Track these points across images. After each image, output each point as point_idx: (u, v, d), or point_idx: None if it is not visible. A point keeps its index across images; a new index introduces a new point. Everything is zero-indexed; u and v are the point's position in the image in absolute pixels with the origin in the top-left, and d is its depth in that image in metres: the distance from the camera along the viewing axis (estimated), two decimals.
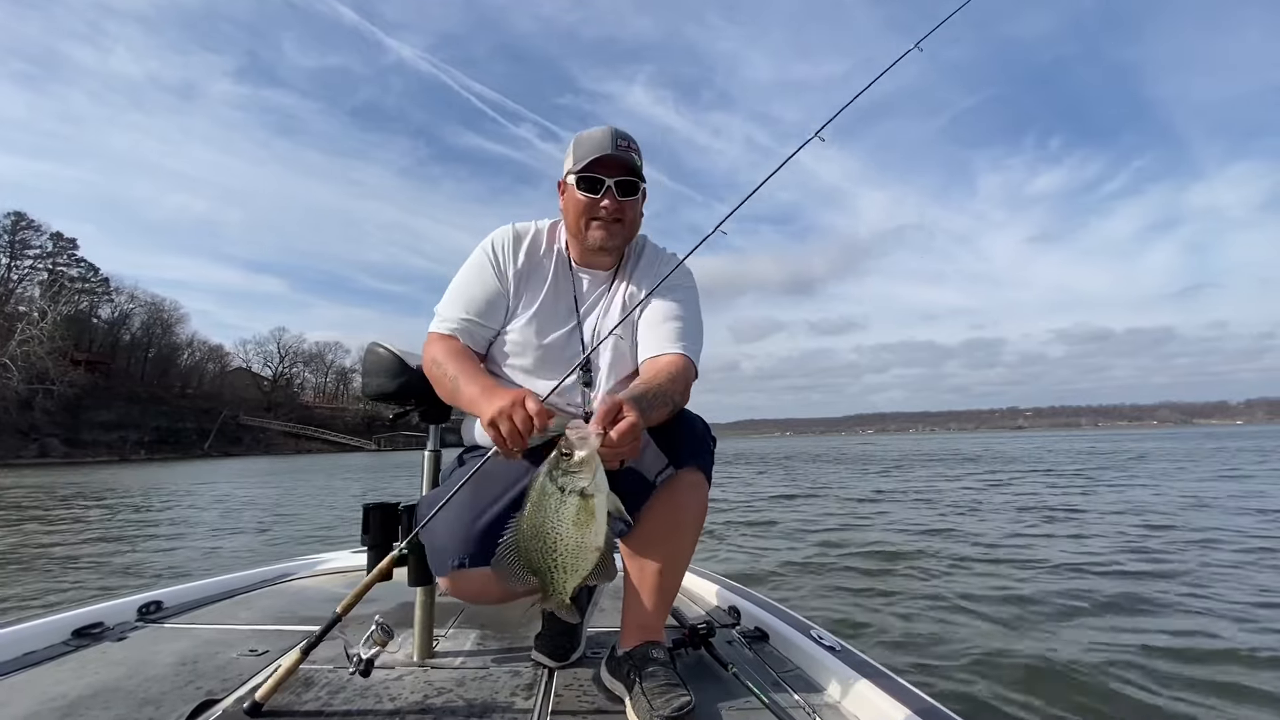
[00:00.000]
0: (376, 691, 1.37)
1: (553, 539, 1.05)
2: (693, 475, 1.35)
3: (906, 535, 6.57)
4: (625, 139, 1.45)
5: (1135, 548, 5.60)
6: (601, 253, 1.51)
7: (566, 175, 1.48)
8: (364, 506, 1.57)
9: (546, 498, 1.05)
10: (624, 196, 1.45)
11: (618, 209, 1.45)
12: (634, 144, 1.47)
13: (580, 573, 1.08)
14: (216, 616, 1.97)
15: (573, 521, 1.04)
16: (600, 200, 1.44)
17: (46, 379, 44.10)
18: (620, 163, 1.43)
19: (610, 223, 1.46)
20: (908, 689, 1.30)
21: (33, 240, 53.52)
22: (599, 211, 1.45)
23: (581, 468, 1.03)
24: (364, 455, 53.27)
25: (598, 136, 1.45)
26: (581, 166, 1.43)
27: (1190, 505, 8.39)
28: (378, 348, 1.69)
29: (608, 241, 1.47)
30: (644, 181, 1.50)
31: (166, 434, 51.85)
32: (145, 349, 60.04)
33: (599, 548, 1.08)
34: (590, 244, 1.48)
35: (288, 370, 75.82)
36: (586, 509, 1.04)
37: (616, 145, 1.43)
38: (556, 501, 1.04)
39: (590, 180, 1.44)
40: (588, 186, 1.44)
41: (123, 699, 1.33)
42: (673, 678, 1.30)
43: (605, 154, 1.41)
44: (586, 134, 1.48)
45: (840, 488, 12.35)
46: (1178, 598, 3.98)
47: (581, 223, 1.47)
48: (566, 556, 1.06)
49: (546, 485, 1.05)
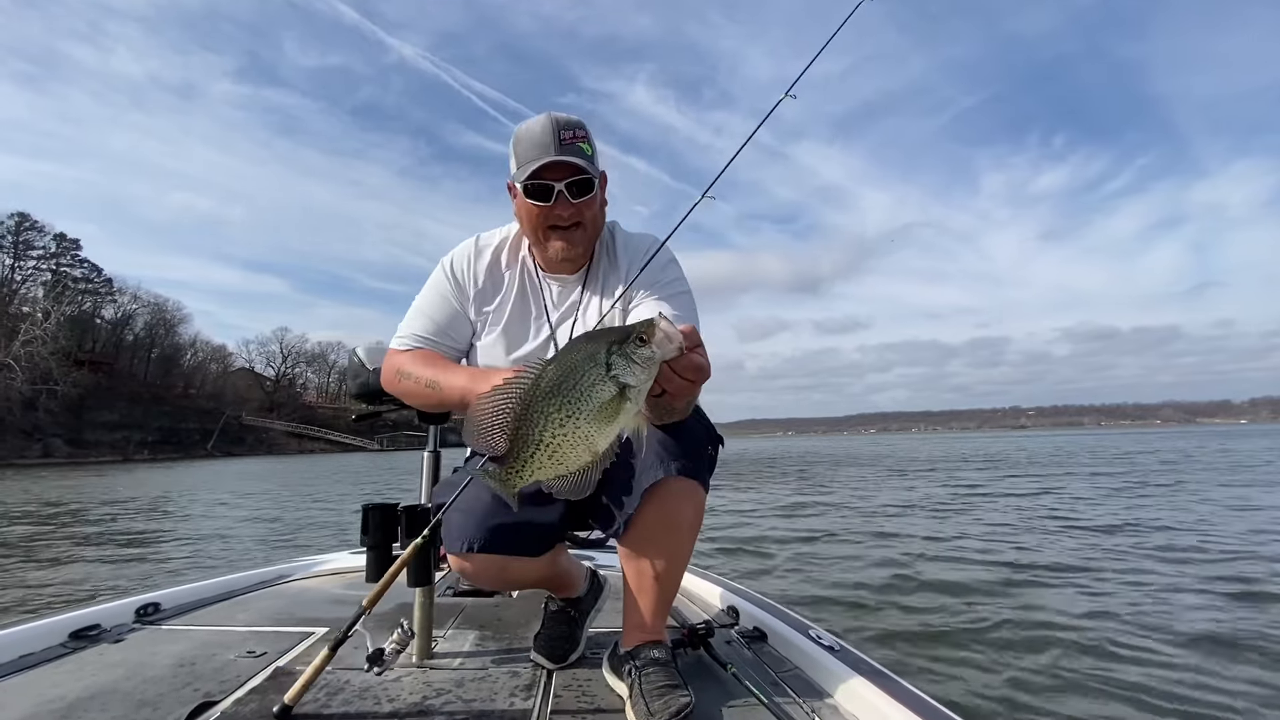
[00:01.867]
0: (375, 692, 1.37)
1: (566, 412, 0.91)
2: (684, 482, 1.29)
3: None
4: (569, 128, 1.32)
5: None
6: (565, 262, 1.43)
7: (513, 180, 1.36)
8: (364, 507, 1.56)
9: (586, 366, 0.90)
10: (579, 197, 1.34)
11: (574, 213, 1.35)
12: (579, 130, 1.33)
13: (558, 465, 0.94)
14: (214, 618, 1.96)
15: (597, 407, 0.90)
16: (553, 208, 1.33)
17: (50, 379, 44.20)
18: (568, 164, 1.30)
19: (569, 229, 1.36)
20: (907, 688, 1.29)
21: (36, 241, 53.78)
22: (554, 219, 1.35)
23: (645, 363, 0.90)
24: (366, 455, 53.34)
25: (537, 134, 1.31)
26: (527, 174, 1.30)
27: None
28: (354, 354, 1.72)
29: (569, 251, 1.39)
30: (598, 172, 1.37)
31: (169, 434, 51.98)
32: (148, 349, 60.19)
33: (595, 454, 0.94)
34: (552, 255, 1.40)
35: (290, 370, 76.13)
36: (616, 406, 0.91)
37: (561, 143, 1.30)
38: (596, 377, 0.90)
39: (538, 188, 1.31)
40: (537, 194, 1.32)
41: (120, 701, 1.32)
42: (673, 678, 1.29)
43: (549, 160, 1.28)
44: (525, 129, 1.34)
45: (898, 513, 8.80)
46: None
47: (539, 233, 1.38)
48: (561, 437, 0.92)
49: (597, 353, 0.91)
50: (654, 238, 1.50)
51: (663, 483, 1.25)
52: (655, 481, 1.25)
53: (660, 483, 1.25)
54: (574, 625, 1.61)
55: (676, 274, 1.46)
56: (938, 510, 8.89)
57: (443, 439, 1.88)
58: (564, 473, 0.95)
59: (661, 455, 1.26)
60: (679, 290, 1.44)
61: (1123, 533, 6.68)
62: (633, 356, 0.90)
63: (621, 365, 0.90)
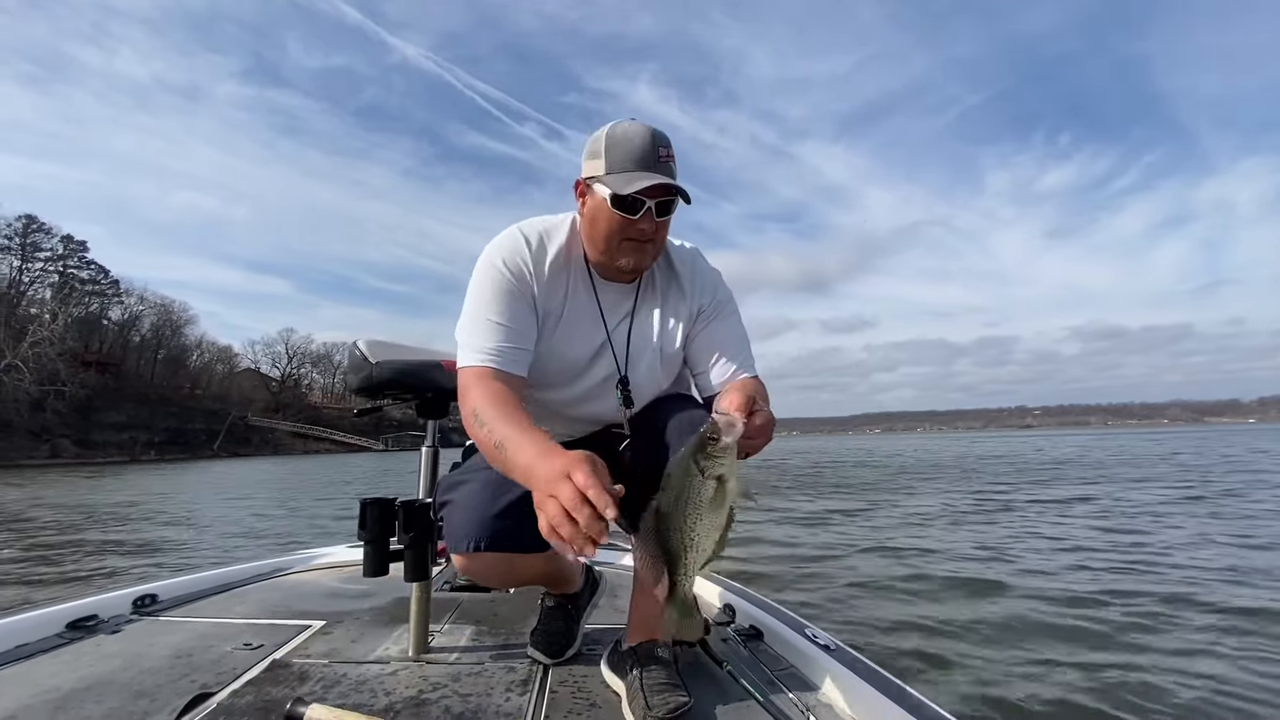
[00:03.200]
0: (371, 686, 1.37)
1: (692, 520, 1.08)
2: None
3: None
4: (666, 145, 1.26)
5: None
6: (629, 272, 1.38)
7: (593, 180, 1.28)
8: (361, 501, 1.57)
9: (690, 479, 1.07)
10: (662, 216, 1.28)
11: (654, 231, 1.29)
12: (670, 148, 1.28)
13: (706, 552, 1.11)
14: (212, 610, 1.97)
15: (709, 503, 1.07)
16: (637, 223, 1.26)
17: (58, 380, 44.45)
18: (664, 185, 1.24)
19: (644, 244, 1.30)
20: (902, 688, 1.29)
21: (43, 243, 53.91)
22: (633, 233, 1.28)
23: (725, 454, 1.05)
24: (371, 455, 53.50)
25: (637, 144, 1.24)
26: (630, 188, 1.22)
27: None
28: (355, 347, 1.72)
29: (641, 264, 1.33)
30: (683, 193, 1.29)
31: (176, 435, 52.20)
32: (155, 350, 60.41)
33: (721, 530, 1.10)
34: (623, 266, 1.33)
35: (295, 371, 76.33)
36: (723, 492, 1.07)
37: (659, 159, 1.25)
38: (698, 484, 1.06)
39: (630, 201, 1.24)
40: (625, 207, 1.25)
41: (117, 692, 1.33)
42: (673, 678, 1.29)
43: (653, 182, 1.22)
44: (622, 134, 1.26)
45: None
46: None
47: (613, 243, 1.31)
48: (700, 537, 1.09)
49: (690, 467, 1.07)
50: (696, 249, 1.49)
51: None
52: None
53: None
54: (571, 621, 1.61)
55: (727, 293, 1.48)
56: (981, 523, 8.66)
57: (445, 438, 1.89)
58: (710, 552, 1.11)
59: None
60: (731, 311, 1.46)
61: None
62: (714, 455, 1.05)
63: (708, 465, 1.06)
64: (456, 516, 1.32)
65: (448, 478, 1.46)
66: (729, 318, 1.45)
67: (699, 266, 1.46)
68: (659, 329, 1.42)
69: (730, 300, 1.47)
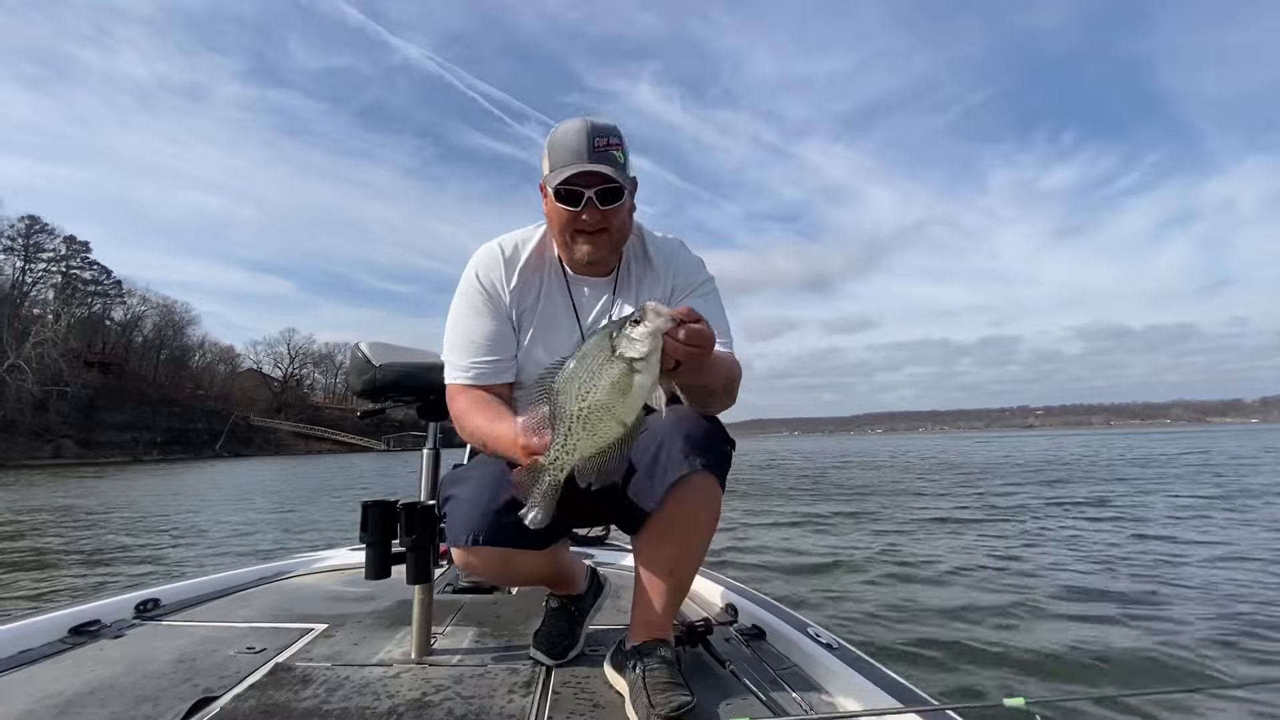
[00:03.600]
0: (374, 689, 1.37)
1: (585, 390, 1.04)
2: (705, 478, 1.31)
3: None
4: (604, 135, 1.34)
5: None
6: (591, 265, 1.46)
7: (544, 180, 1.39)
8: (363, 504, 1.57)
9: (596, 351, 1.05)
10: (607, 205, 1.35)
11: (601, 219, 1.36)
12: (614, 137, 1.35)
13: (595, 439, 1.06)
14: (214, 614, 1.97)
15: (611, 383, 1.04)
16: (581, 214, 1.35)
17: (61, 381, 44.59)
18: (598, 173, 1.32)
19: (595, 234, 1.38)
20: (904, 685, 1.29)
21: (46, 244, 54.14)
22: (581, 225, 1.37)
23: (645, 340, 1.02)
24: (372, 456, 53.56)
25: (571, 139, 1.33)
26: (559, 180, 1.33)
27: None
28: (357, 349, 1.71)
29: (594, 255, 1.41)
30: (628, 181, 1.38)
31: (179, 435, 52.37)
32: (157, 351, 60.57)
33: (624, 424, 1.06)
34: (578, 258, 1.42)
35: (297, 371, 76.47)
36: (628, 379, 1.03)
37: (593, 149, 1.32)
38: (605, 358, 1.04)
39: (569, 193, 1.34)
40: (567, 199, 1.35)
41: (120, 696, 1.33)
42: (675, 677, 1.28)
43: (581, 169, 1.31)
44: (561, 133, 1.36)
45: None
46: None
47: (566, 236, 1.41)
48: (590, 413, 1.05)
49: (601, 341, 1.05)
50: (679, 240, 1.55)
51: (686, 478, 1.27)
52: (680, 476, 1.26)
53: (683, 478, 1.27)
54: (574, 622, 1.61)
55: (706, 275, 1.52)
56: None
57: (446, 439, 1.89)
58: (601, 446, 1.07)
59: (686, 451, 1.27)
60: (709, 290, 1.51)
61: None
62: (629, 335, 1.03)
63: (624, 343, 1.03)
64: (457, 511, 1.35)
65: (450, 475, 1.49)
66: (706, 296, 1.49)
67: (678, 255, 1.52)
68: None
69: (710, 282, 1.52)
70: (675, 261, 1.51)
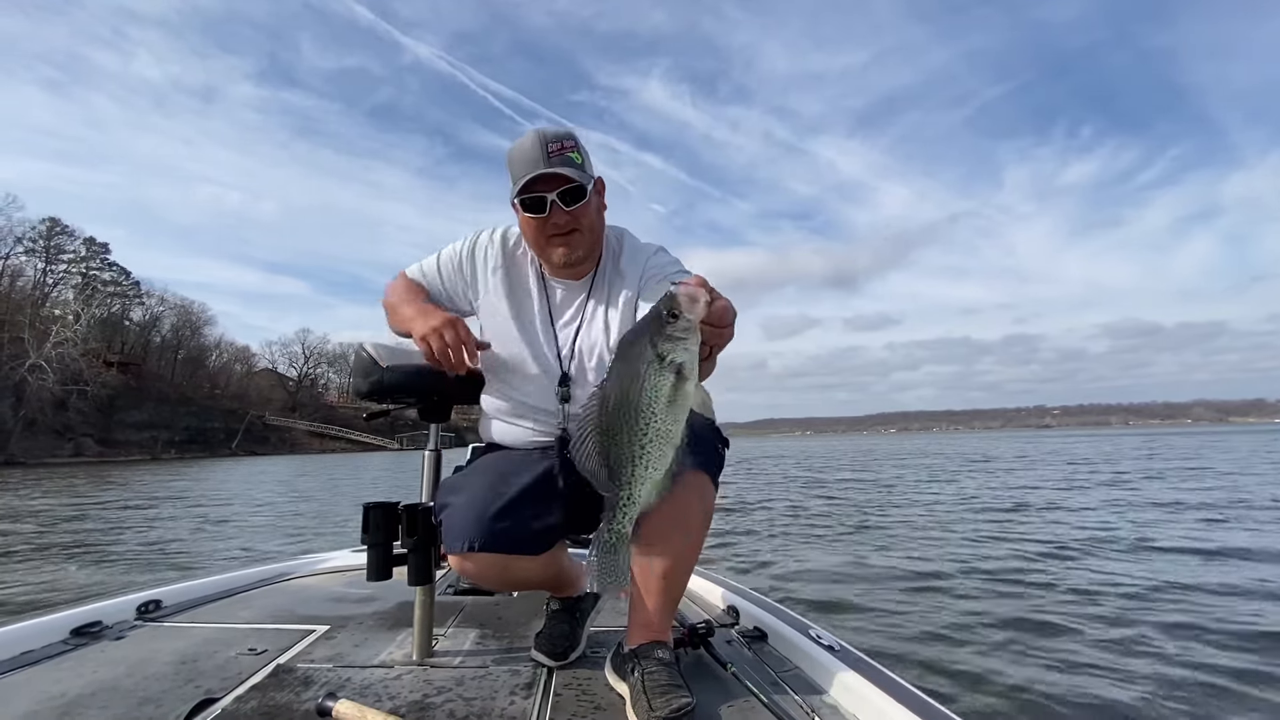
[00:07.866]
0: (376, 690, 1.37)
1: (646, 415, 0.87)
2: (697, 477, 1.32)
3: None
4: (556, 141, 1.39)
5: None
6: (569, 267, 1.49)
7: (512, 200, 1.44)
8: (364, 505, 1.57)
9: (644, 364, 0.86)
10: (572, 205, 1.40)
11: (570, 219, 1.41)
12: (567, 141, 1.40)
13: (654, 473, 0.91)
14: (215, 615, 1.97)
15: (667, 399, 0.87)
16: (549, 218, 1.40)
17: (81, 380, 45.26)
18: (557, 175, 1.37)
19: (568, 235, 1.43)
20: (906, 688, 1.28)
21: (67, 245, 54.87)
22: (551, 228, 1.42)
23: (688, 335, 0.86)
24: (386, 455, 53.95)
25: (527, 150, 1.39)
26: (519, 189, 1.38)
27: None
28: (362, 350, 1.71)
29: (571, 255, 1.45)
30: (590, 179, 1.43)
31: (196, 434, 53.00)
32: (175, 351, 61.31)
33: (678, 445, 0.91)
34: (556, 261, 1.46)
35: (312, 371, 77.13)
36: (682, 389, 0.87)
37: (548, 155, 1.37)
38: (655, 371, 0.86)
39: (532, 201, 1.39)
40: (532, 207, 1.40)
41: (121, 698, 1.33)
42: (675, 679, 1.27)
43: (538, 173, 1.36)
44: (516, 148, 1.42)
45: None
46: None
47: (540, 243, 1.45)
48: (653, 442, 0.89)
49: (646, 351, 0.87)
50: (659, 246, 1.57)
51: (678, 476, 1.25)
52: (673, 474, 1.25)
53: (676, 476, 1.25)
54: (575, 624, 1.60)
55: (670, 258, 1.53)
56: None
57: (459, 438, 1.88)
58: (658, 479, 0.93)
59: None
60: (678, 270, 1.51)
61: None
62: (674, 335, 0.86)
63: (669, 347, 0.86)
64: (453, 518, 1.35)
65: (447, 481, 1.50)
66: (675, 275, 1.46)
67: (656, 255, 1.54)
68: (608, 325, 1.48)
69: (675, 263, 1.52)
70: (652, 260, 1.53)
